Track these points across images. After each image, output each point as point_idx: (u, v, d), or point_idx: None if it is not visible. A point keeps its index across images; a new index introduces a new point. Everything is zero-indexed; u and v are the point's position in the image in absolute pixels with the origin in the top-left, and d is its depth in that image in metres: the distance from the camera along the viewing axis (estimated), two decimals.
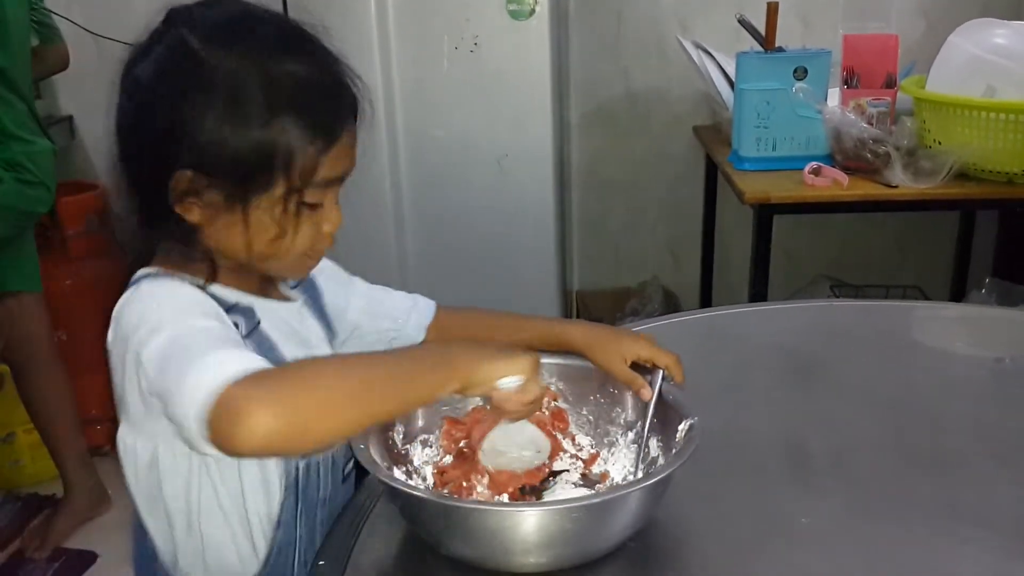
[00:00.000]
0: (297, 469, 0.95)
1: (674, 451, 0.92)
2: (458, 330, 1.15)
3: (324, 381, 0.76)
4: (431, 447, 0.98)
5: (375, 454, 0.89)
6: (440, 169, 2.34)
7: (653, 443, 0.97)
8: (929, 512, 0.94)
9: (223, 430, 0.71)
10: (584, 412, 1.04)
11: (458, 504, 0.86)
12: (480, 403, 0.98)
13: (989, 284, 2.53)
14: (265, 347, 0.92)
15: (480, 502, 0.90)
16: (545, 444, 0.96)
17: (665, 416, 0.97)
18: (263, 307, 0.96)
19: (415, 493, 0.85)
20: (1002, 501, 0.96)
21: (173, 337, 0.80)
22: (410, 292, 1.17)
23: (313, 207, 0.89)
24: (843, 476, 1.02)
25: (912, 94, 2.10)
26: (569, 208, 2.93)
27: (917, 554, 0.87)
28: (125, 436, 0.94)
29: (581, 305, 2.99)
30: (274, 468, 0.94)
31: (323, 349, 1.03)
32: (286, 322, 0.98)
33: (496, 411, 0.87)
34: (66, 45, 2.36)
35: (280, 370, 0.78)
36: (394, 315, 1.13)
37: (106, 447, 2.70)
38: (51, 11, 2.37)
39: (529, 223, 2.39)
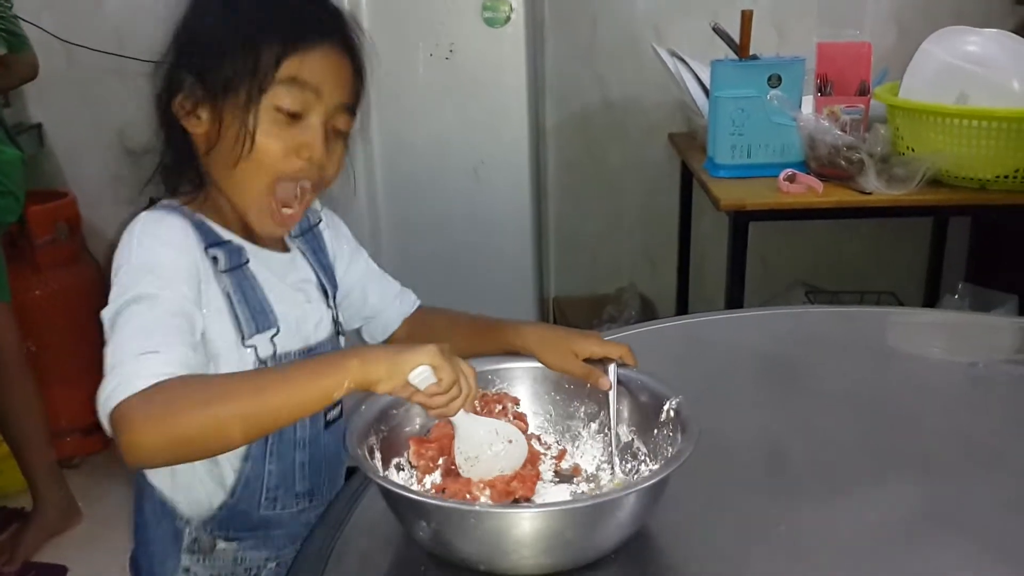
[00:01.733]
0: None
1: (655, 432, 0.96)
2: (426, 329, 1.20)
3: (209, 394, 0.83)
4: (404, 470, 0.97)
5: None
6: (415, 176, 2.33)
7: (624, 430, 1.00)
8: (908, 517, 0.94)
9: (117, 440, 0.80)
10: (543, 412, 1.06)
11: (460, 507, 0.84)
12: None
13: (962, 289, 2.55)
14: (246, 286, 1.00)
15: (484, 505, 0.89)
16: (513, 432, 0.95)
17: (630, 403, 1.00)
18: (255, 251, 1.02)
19: (413, 496, 0.84)
20: (980, 505, 0.96)
21: (132, 306, 0.88)
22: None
23: (290, 116, 0.95)
24: (822, 482, 1.01)
25: (885, 101, 2.11)
26: (545, 215, 2.93)
27: (896, 559, 0.87)
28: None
29: (558, 312, 2.99)
30: None
31: (315, 295, 1.09)
32: (277, 268, 1.05)
33: (434, 415, 0.89)
34: (35, 54, 2.33)
35: (172, 384, 0.82)
36: (381, 296, 1.20)
37: (76, 459, 2.67)
38: (20, 17, 2.34)
39: (505, 230, 2.38)
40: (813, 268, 2.99)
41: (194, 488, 1.03)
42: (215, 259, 0.98)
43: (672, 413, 0.96)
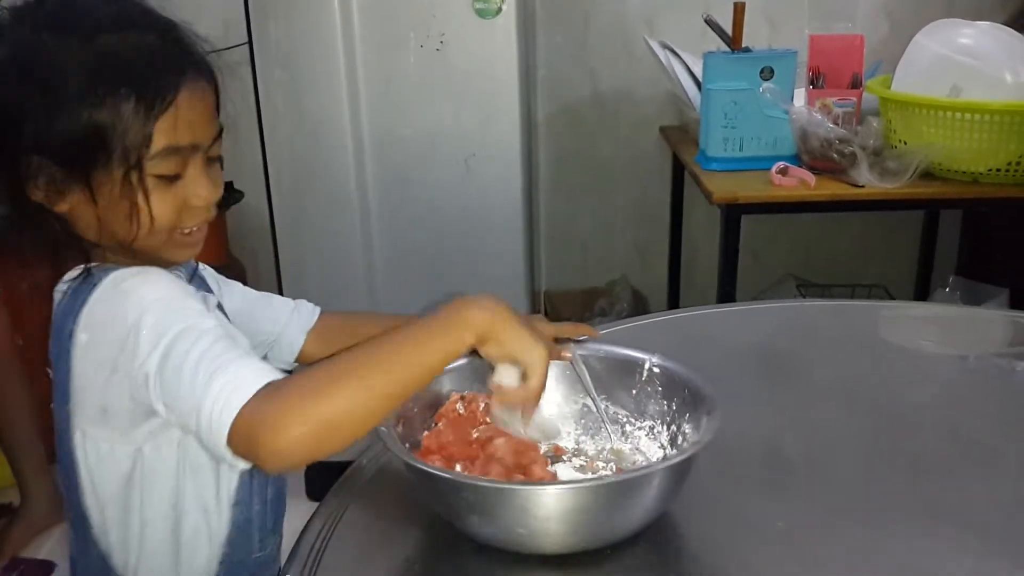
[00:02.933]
0: None
1: (635, 391, 0.99)
2: (345, 333, 1.13)
3: (338, 377, 0.77)
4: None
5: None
6: (406, 168, 2.31)
7: (597, 397, 1.01)
8: (905, 512, 0.94)
9: (252, 451, 0.75)
10: None
11: (486, 484, 0.85)
12: (429, 427, 0.98)
13: (953, 283, 2.56)
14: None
15: (514, 482, 0.89)
16: (555, 430, 0.96)
17: (592, 373, 1.01)
18: None
19: (438, 473, 0.85)
20: (977, 499, 0.96)
21: (180, 344, 0.81)
22: (376, 293, 1.17)
23: (170, 179, 0.88)
24: (818, 477, 1.01)
25: (878, 94, 2.11)
26: (537, 208, 2.92)
27: (894, 555, 0.87)
28: (99, 443, 0.92)
29: (549, 305, 2.98)
30: None
31: None
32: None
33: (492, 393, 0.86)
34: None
35: (293, 378, 0.78)
36: (273, 318, 1.13)
37: None
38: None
39: (497, 223, 2.37)
40: (804, 261, 2.99)
41: (197, 552, 0.97)
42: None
43: (655, 370, 0.98)
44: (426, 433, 0.97)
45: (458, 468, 0.94)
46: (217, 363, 0.79)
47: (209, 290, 1.05)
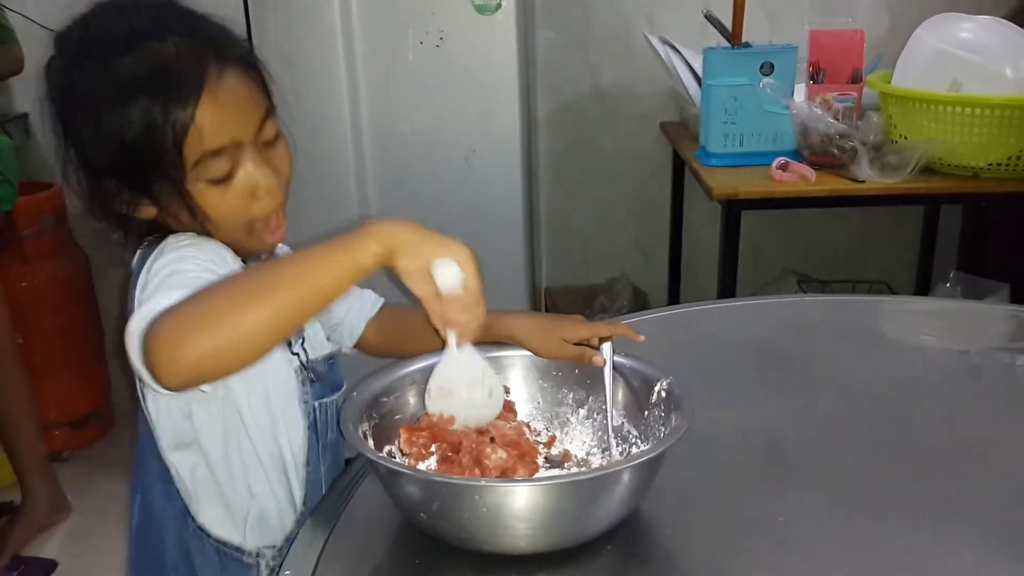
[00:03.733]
0: (315, 409, 1.02)
1: (647, 413, 0.96)
2: (398, 323, 1.17)
3: (236, 297, 0.75)
4: (396, 458, 0.96)
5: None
6: (406, 165, 2.31)
7: (613, 413, 1.00)
8: (907, 506, 0.94)
9: (156, 368, 0.73)
10: (531, 399, 1.05)
11: (455, 481, 0.84)
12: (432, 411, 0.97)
13: (954, 277, 2.55)
14: None
15: (483, 480, 0.87)
16: (498, 387, 0.93)
17: (619, 386, 1.01)
18: None
19: (401, 469, 0.84)
20: (977, 493, 0.96)
21: (163, 284, 0.84)
22: (376, 291, 1.18)
23: (223, 180, 0.90)
24: (819, 471, 1.01)
25: (878, 89, 2.10)
26: (537, 205, 2.92)
27: (895, 548, 0.87)
28: (156, 396, 0.96)
29: (550, 302, 2.98)
30: (298, 407, 1.00)
31: None
32: None
33: (439, 318, 0.83)
34: (21, 47, 2.30)
35: (191, 299, 0.76)
36: (344, 303, 1.16)
37: (66, 452, 2.65)
38: (7, 7, 2.31)
39: (497, 220, 2.37)
40: (805, 257, 2.99)
41: (268, 513, 1.01)
42: None
43: (663, 394, 0.96)
44: (426, 412, 0.96)
45: (433, 453, 0.93)
46: (159, 288, 0.81)
47: None
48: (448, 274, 0.78)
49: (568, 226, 3.03)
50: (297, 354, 1.01)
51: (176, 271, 0.85)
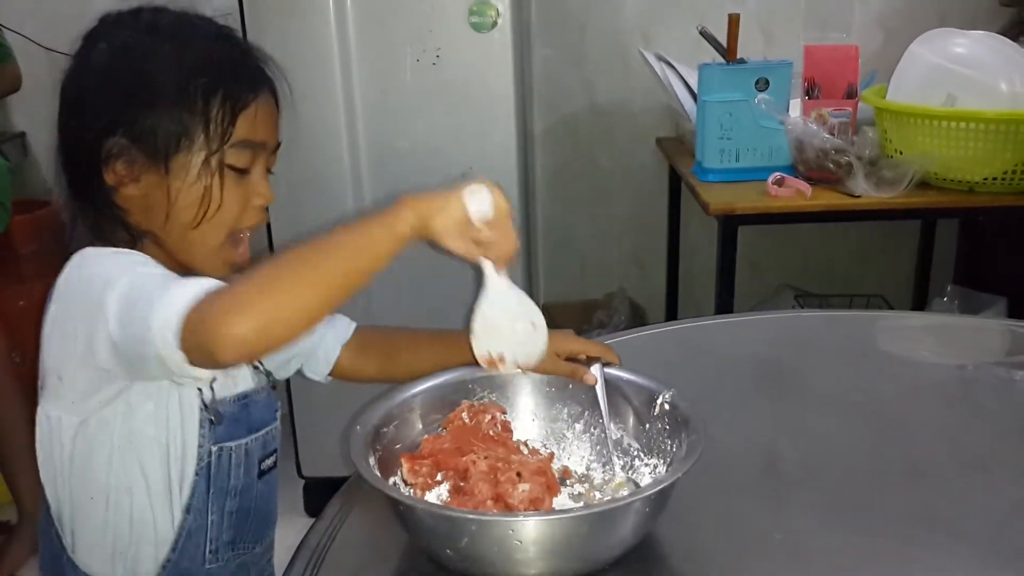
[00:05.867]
0: (210, 455, 0.96)
1: (648, 426, 0.97)
2: (380, 343, 1.18)
3: (281, 272, 0.80)
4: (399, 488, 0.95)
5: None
6: (403, 182, 2.31)
7: (612, 427, 1.00)
8: (903, 522, 0.93)
9: (203, 344, 0.76)
10: (528, 416, 1.05)
11: (464, 515, 0.83)
12: (436, 431, 0.97)
13: (951, 292, 2.56)
14: None
15: (492, 513, 0.87)
16: (540, 317, 0.94)
17: (615, 399, 1.01)
18: None
19: (414, 504, 0.84)
20: (975, 510, 0.95)
21: (130, 284, 0.84)
22: (373, 306, 1.18)
23: (240, 172, 0.95)
24: (816, 487, 1.01)
25: (873, 104, 2.11)
26: (534, 221, 2.92)
27: (892, 565, 0.87)
28: (49, 411, 0.96)
29: (548, 317, 2.96)
30: (192, 450, 0.95)
31: None
32: None
33: (483, 253, 0.87)
34: (18, 66, 2.31)
35: (238, 278, 0.81)
36: None
37: None
38: (4, 27, 2.32)
39: None
40: (802, 272, 2.99)
41: (140, 548, 0.98)
42: None
43: (667, 407, 0.96)
44: (426, 436, 0.96)
45: (440, 481, 0.93)
46: (166, 283, 0.82)
47: None
48: (480, 199, 0.83)
49: (565, 242, 3.03)
50: (200, 390, 0.95)
51: (156, 274, 0.87)
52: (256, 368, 1.04)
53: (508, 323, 0.91)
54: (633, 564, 0.86)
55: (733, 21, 2.14)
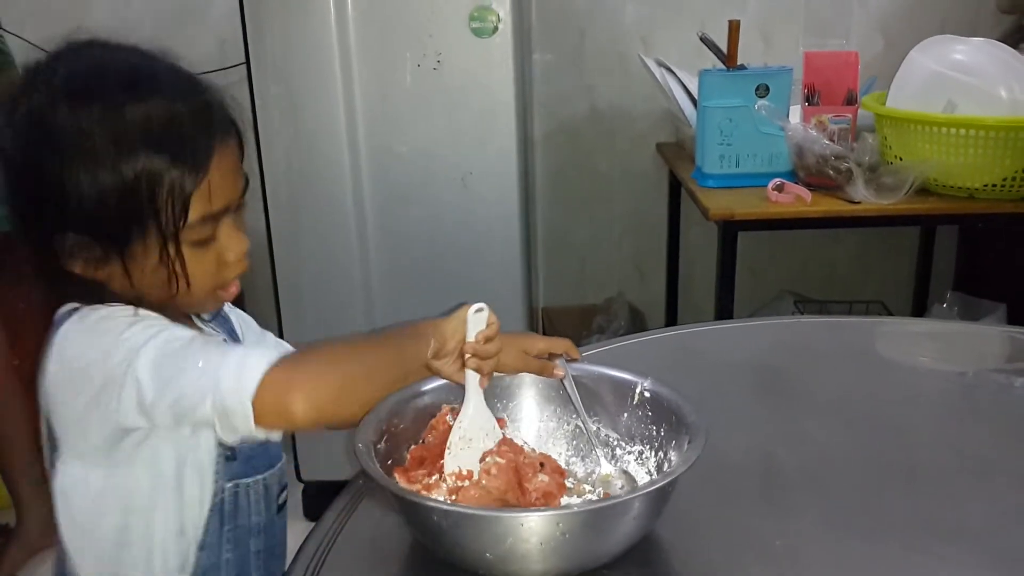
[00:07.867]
0: (223, 491, 0.95)
1: (626, 415, 1.00)
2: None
3: (345, 361, 0.89)
4: None
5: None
6: (403, 186, 2.32)
7: (590, 419, 1.02)
8: (903, 529, 0.93)
9: (279, 407, 0.81)
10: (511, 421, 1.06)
11: (468, 511, 0.84)
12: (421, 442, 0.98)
13: (950, 298, 2.56)
14: None
15: (497, 509, 0.88)
16: (498, 430, 0.98)
17: (585, 392, 1.02)
18: None
19: (419, 501, 0.84)
20: (975, 516, 0.95)
21: (164, 348, 0.84)
22: (373, 310, 1.19)
23: (204, 243, 0.89)
24: (816, 493, 1.01)
25: (873, 110, 2.11)
26: (534, 225, 2.92)
27: (892, 571, 0.87)
28: (73, 471, 0.92)
29: (547, 322, 2.98)
30: (209, 487, 0.94)
31: None
32: None
33: (477, 366, 0.94)
34: (19, 72, 2.30)
35: (304, 354, 0.89)
36: None
37: None
38: (7, 31, 2.32)
39: (494, 240, 2.37)
40: (802, 278, 2.99)
41: None
42: None
43: (647, 394, 0.97)
44: (412, 447, 0.96)
45: (440, 482, 0.93)
46: (221, 348, 0.86)
47: (233, 331, 1.06)
48: (480, 318, 0.94)
49: (565, 246, 3.03)
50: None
51: (185, 336, 0.87)
52: None
53: (481, 438, 0.95)
54: (628, 568, 0.86)
55: (733, 27, 2.15)
